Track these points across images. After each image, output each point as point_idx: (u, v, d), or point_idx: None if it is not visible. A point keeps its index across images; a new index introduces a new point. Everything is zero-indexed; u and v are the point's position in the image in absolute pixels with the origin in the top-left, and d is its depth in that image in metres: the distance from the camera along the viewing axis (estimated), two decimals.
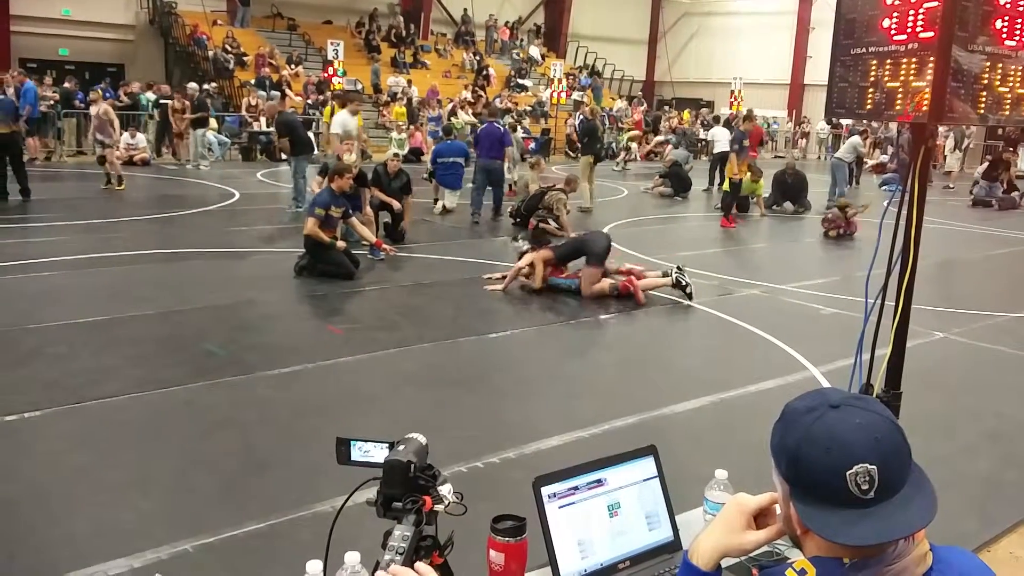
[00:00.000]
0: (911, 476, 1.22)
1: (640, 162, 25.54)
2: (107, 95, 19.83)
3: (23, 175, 12.68)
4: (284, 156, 14.17)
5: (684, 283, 8.32)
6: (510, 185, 15.38)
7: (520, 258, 8.69)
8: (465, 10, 31.92)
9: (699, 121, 30.94)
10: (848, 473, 1.17)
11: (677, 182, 17.76)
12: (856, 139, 17.72)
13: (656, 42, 38.69)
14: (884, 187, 20.62)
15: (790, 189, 15.98)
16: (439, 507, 1.51)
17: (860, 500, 1.17)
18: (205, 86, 21.37)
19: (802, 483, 1.22)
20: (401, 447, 1.53)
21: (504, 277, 8.65)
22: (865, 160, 22.32)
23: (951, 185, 21.70)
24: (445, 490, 1.53)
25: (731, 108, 29.70)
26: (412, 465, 1.49)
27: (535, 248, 8.67)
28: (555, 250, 8.59)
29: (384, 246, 9.51)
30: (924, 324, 7.25)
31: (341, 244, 8.74)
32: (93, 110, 15.10)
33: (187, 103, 18.94)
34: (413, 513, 1.46)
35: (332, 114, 13.00)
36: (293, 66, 25.20)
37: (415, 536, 1.45)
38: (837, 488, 1.18)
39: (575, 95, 29.23)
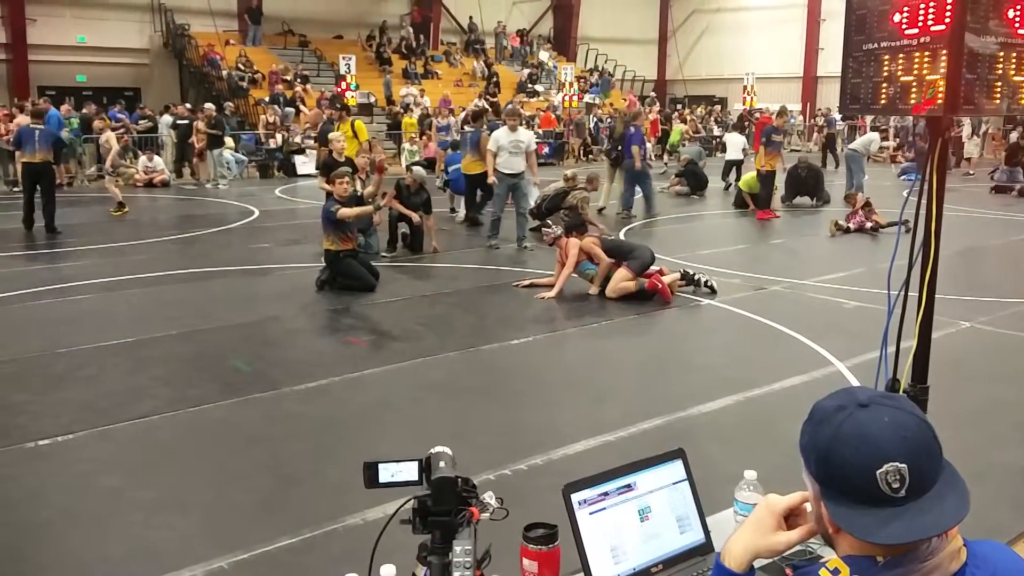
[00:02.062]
0: (943, 473, 1.22)
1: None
2: (114, 117, 20.11)
3: (52, 207, 12.47)
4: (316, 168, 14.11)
5: (695, 277, 8.39)
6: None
7: (553, 243, 8.73)
8: (471, 18, 32.03)
9: (712, 118, 30.89)
10: (878, 472, 1.17)
11: (693, 180, 17.74)
12: (875, 135, 17.64)
13: (666, 41, 38.66)
14: (903, 176, 20.47)
15: (804, 184, 15.92)
16: (485, 515, 1.52)
17: (891, 499, 1.18)
18: (227, 104, 21.59)
19: (832, 482, 1.23)
20: (442, 463, 1.54)
21: (532, 284, 8.70)
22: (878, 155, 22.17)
23: (971, 172, 21.52)
24: (487, 497, 1.55)
25: (744, 104, 29.64)
26: (459, 479, 1.50)
27: (575, 233, 8.66)
28: (602, 240, 8.60)
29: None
30: (949, 314, 7.20)
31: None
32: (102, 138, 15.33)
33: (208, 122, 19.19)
34: (467, 526, 1.48)
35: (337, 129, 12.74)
36: (300, 82, 25.35)
37: (476, 548, 1.47)
38: (868, 487, 1.18)
39: (587, 98, 29.26)
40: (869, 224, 12.39)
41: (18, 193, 13.28)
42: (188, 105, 22.28)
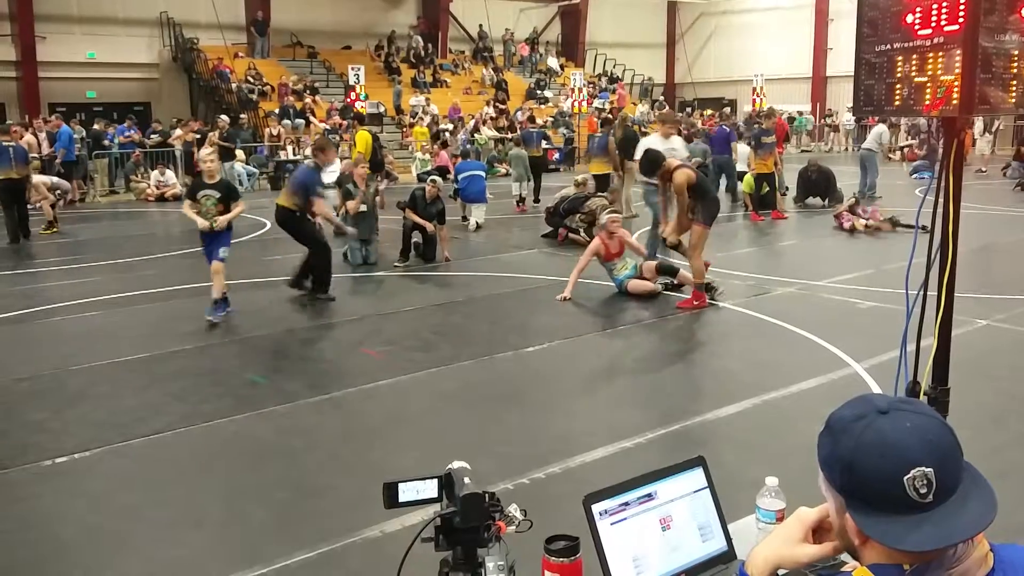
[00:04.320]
0: (966, 475, 1.21)
1: None
2: (108, 136, 20.29)
3: (26, 218, 13.35)
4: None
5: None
6: (519, 200, 16.07)
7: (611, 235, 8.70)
8: (481, 26, 32.10)
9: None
10: (905, 478, 1.16)
11: None
12: (881, 127, 17.54)
13: (674, 44, 38.62)
14: (915, 175, 20.39)
15: (815, 185, 15.89)
16: (511, 528, 1.51)
17: (919, 504, 1.16)
18: (241, 117, 21.69)
19: (858, 492, 1.22)
20: (466, 479, 1.53)
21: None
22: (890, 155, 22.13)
23: (983, 168, 21.39)
24: (512, 509, 1.53)
25: (754, 105, 29.57)
26: (487, 495, 1.49)
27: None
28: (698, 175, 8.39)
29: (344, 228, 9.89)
30: (966, 312, 7.14)
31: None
32: None
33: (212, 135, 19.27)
34: (495, 540, 1.46)
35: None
36: (310, 93, 25.44)
37: (507, 561, 1.45)
38: (895, 494, 1.17)
39: (596, 103, 29.25)
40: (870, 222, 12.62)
41: None
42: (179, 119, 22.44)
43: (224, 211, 7.91)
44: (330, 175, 11.48)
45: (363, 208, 10.68)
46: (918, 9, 2.45)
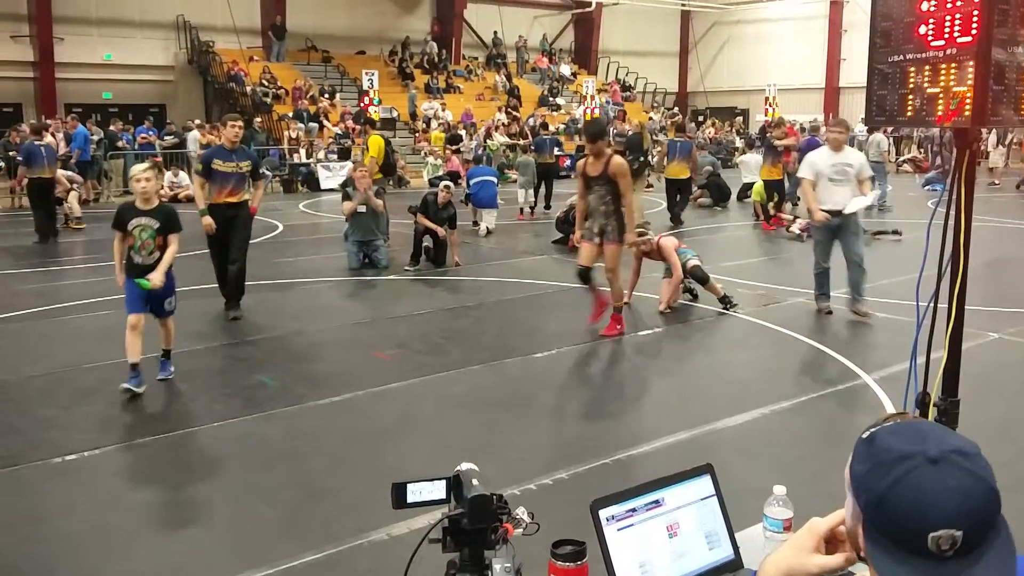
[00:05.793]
0: (1000, 534, 1.16)
1: None
2: (124, 137, 20.43)
3: (54, 217, 13.75)
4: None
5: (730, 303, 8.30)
6: (525, 208, 16.20)
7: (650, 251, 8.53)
8: (495, 32, 32.18)
9: (733, 130, 30.82)
10: (931, 535, 1.11)
11: (716, 192, 17.71)
12: (878, 136, 17.55)
13: (687, 53, 38.63)
14: (927, 187, 20.33)
15: None
16: (518, 531, 1.52)
17: (935, 555, 1.12)
18: (256, 120, 21.80)
19: (878, 524, 1.18)
20: (474, 481, 1.54)
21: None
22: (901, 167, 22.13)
23: (996, 181, 21.30)
24: (520, 512, 1.54)
25: (766, 115, 29.54)
26: (495, 497, 1.50)
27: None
28: None
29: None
30: (977, 325, 7.10)
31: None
32: None
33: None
34: (503, 542, 1.47)
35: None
36: (327, 96, 25.55)
37: (514, 564, 1.46)
38: (915, 543, 1.13)
39: (609, 110, 29.26)
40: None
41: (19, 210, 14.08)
42: (197, 121, 22.57)
43: (164, 245, 6.19)
44: (339, 178, 11.54)
45: (361, 210, 10.69)
46: (931, 20, 2.45)
